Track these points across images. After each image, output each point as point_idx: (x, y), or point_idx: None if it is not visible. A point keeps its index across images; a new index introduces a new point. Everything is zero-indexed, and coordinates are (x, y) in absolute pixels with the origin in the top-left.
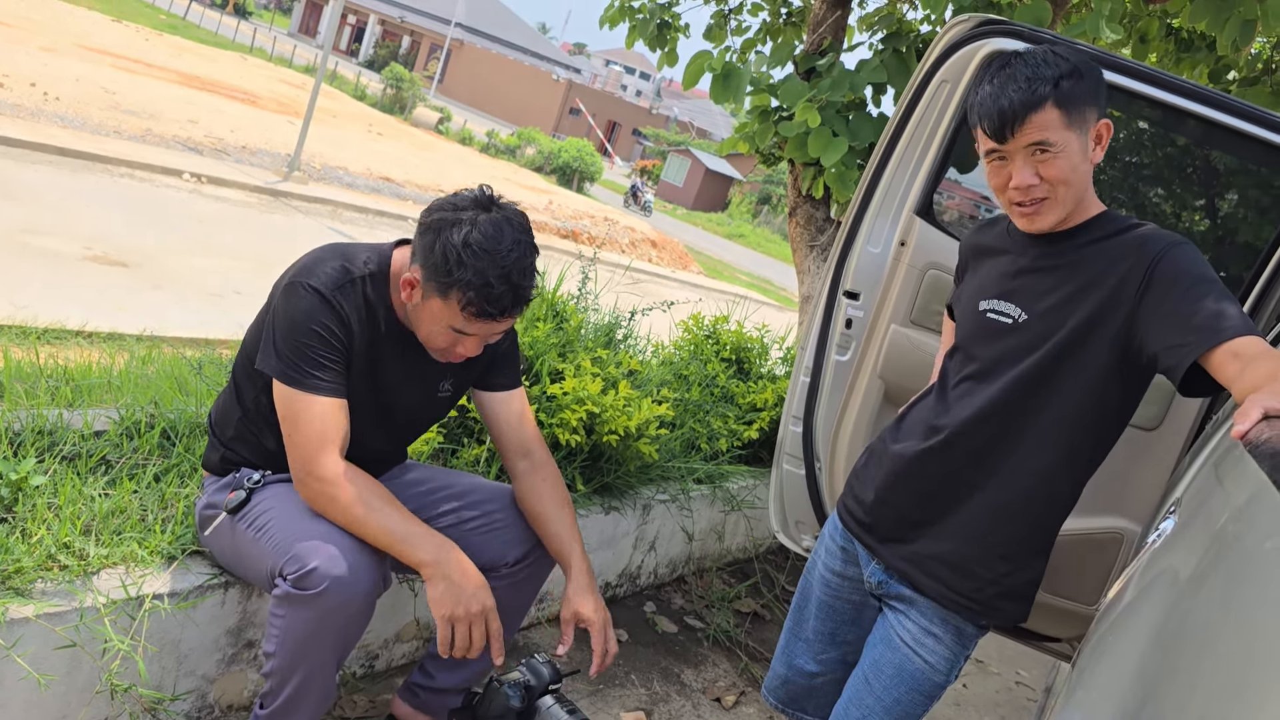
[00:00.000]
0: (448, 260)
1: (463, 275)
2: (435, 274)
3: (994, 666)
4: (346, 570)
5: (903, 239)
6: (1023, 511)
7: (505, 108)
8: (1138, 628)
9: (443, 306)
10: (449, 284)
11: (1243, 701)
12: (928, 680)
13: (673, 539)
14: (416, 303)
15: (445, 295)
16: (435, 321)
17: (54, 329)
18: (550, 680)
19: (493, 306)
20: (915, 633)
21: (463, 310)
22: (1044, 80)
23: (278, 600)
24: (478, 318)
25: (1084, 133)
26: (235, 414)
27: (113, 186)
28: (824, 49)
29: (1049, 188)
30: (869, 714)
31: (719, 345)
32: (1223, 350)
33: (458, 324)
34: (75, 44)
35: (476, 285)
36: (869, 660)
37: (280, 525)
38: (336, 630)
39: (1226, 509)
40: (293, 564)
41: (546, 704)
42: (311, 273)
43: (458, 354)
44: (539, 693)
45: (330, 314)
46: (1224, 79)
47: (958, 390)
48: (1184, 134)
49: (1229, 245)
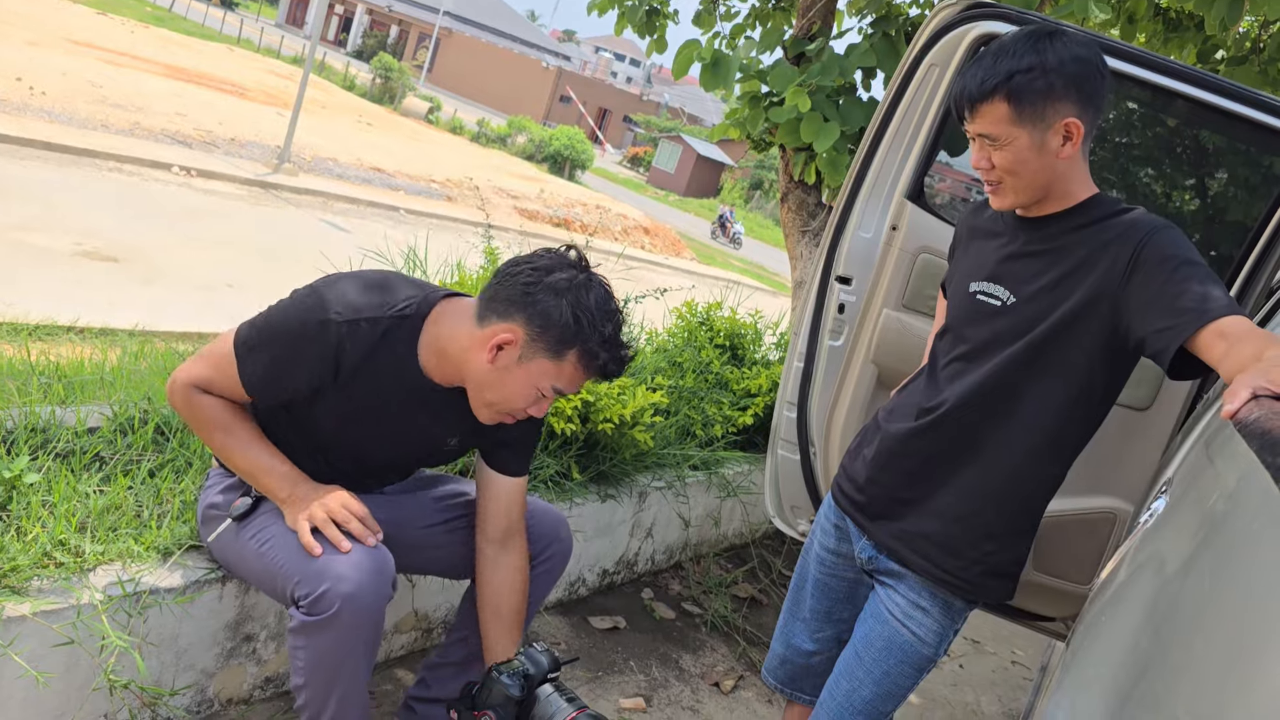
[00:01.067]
0: (577, 321)
1: (589, 337)
2: (553, 335)
3: (990, 646)
4: (356, 586)
5: (894, 223)
6: (1009, 492)
7: (495, 96)
8: (1131, 607)
9: (552, 367)
10: (571, 344)
11: (1234, 679)
12: (916, 653)
13: (669, 526)
14: (508, 364)
15: (560, 356)
16: (531, 382)
17: (45, 325)
18: (549, 668)
19: (614, 366)
20: (904, 606)
21: (583, 370)
22: (998, 74)
23: (295, 632)
24: (591, 376)
25: (1041, 128)
26: None
27: (102, 181)
28: (813, 34)
29: (999, 174)
30: (859, 685)
31: (713, 332)
32: (1209, 331)
33: (563, 384)
34: (61, 38)
35: (601, 346)
36: (860, 634)
37: (283, 543)
38: (361, 645)
39: (1217, 488)
40: (302, 588)
41: (546, 692)
42: (333, 291)
43: (523, 413)
44: (538, 681)
45: (318, 342)
46: (1212, 58)
47: (947, 371)
48: (1173, 115)
49: (1219, 224)
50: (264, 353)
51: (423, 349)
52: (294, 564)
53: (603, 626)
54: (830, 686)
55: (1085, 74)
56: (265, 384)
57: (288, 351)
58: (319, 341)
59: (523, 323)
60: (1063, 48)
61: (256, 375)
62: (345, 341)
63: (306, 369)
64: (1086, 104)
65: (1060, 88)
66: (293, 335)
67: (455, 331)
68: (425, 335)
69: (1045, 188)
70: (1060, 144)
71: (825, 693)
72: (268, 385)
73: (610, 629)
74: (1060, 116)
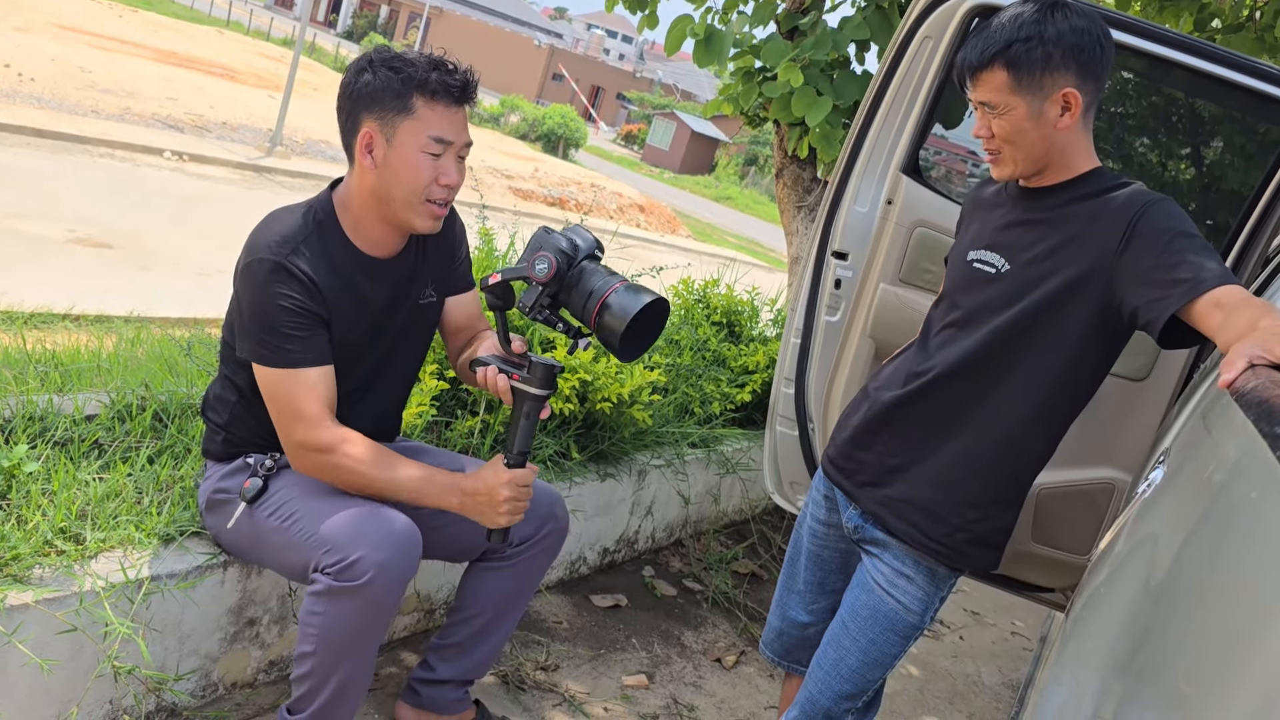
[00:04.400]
0: (395, 70)
1: (412, 74)
2: (389, 99)
3: (990, 618)
4: (390, 555)
5: (890, 197)
6: (995, 461)
7: (487, 75)
8: (1129, 577)
9: (412, 123)
10: (407, 92)
11: (1232, 649)
12: (902, 620)
13: (669, 503)
14: (384, 155)
15: (408, 109)
16: (414, 150)
17: (41, 313)
18: (595, 246)
19: (451, 79)
20: (889, 574)
21: (436, 102)
22: (997, 43)
23: (316, 596)
24: (445, 100)
25: (1039, 97)
26: (231, 397)
27: (93, 167)
28: (806, 7)
29: (999, 142)
30: (845, 654)
31: (709, 309)
32: (1205, 300)
33: (436, 128)
34: (49, 23)
35: (428, 71)
36: (846, 603)
37: (308, 512)
38: (380, 618)
39: (1214, 458)
40: (332, 556)
41: (590, 267)
42: (259, 247)
43: (443, 188)
44: (583, 256)
45: (289, 281)
46: (1208, 27)
47: (939, 338)
48: (1170, 84)
49: (1215, 193)
50: (277, 333)
51: (349, 231)
52: (323, 532)
53: (604, 605)
54: (818, 656)
55: (1085, 45)
56: (311, 343)
57: (283, 313)
58: (288, 283)
59: (365, 116)
60: (1064, 19)
61: (299, 352)
62: (300, 267)
63: (305, 305)
64: (1086, 75)
65: (1058, 58)
66: (271, 299)
67: (349, 191)
68: (341, 221)
69: (1044, 158)
70: (1058, 114)
71: (814, 662)
72: (313, 342)
73: (612, 607)
74: (1058, 87)
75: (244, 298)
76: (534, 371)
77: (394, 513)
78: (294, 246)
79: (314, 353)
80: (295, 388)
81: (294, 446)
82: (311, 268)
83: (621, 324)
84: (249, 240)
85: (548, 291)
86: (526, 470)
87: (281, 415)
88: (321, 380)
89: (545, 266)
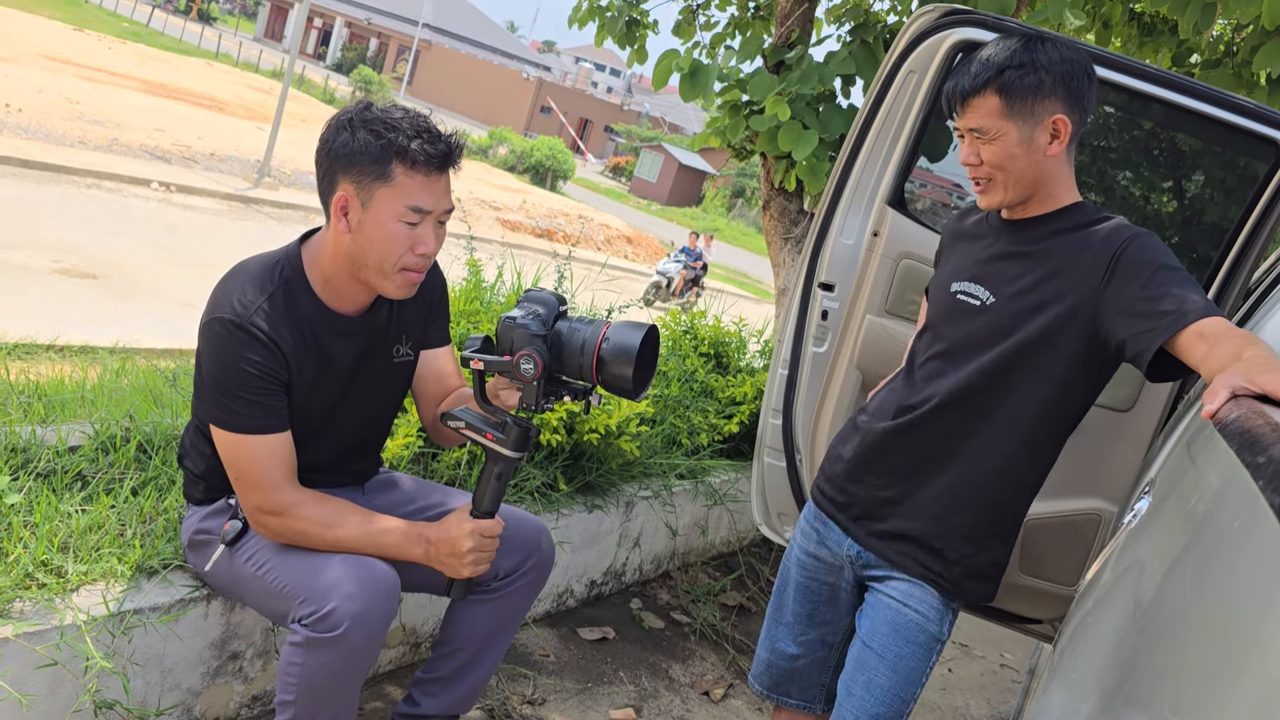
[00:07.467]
0: (377, 135)
1: (394, 140)
2: (367, 164)
3: (978, 649)
4: (366, 604)
5: (875, 229)
6: (985, 494)
7: (476, 108)
8: (1116, 607)
9: (390, 191)
10: (387, 158)
11: (1217, 677)
12: (923, 630)
13: (656, 535)
14: (360, 220)
15: (388, 176)
16: (390, 218)
17: (24, 344)
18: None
19: (434, 147)
20: (902, 590)
21: (415, 171)
22: (990, 68)
23: (295, 647)
24: (426, 169)
25: (1030, 124)
26: (207, 450)
27: (80, 198)
28: (792, 42)
29: (989, 169)
30: (875, 675)
31: (697, 340)
32: (1189, 332)
33: (415, 198)
34: (37, 54)
35: (411, 138)
36: (865, 628)
37: (283, 561)
38: (361, 666)
39: (1198, 488)
40: (307, 606)
41: (564, 327)
42: (222, 305)
43: (418, 256)
44: (552, 320)
45: (250, 344)
46: (1187, 62)
47: (925, 370)
48: (1150, 118)
49: (1196, 226)
50: (235, 397)
51: (318, 287)
52: (297, 583)
53: (592, 637)
54: (846, 684)
55: (1074, 74)
56: (269, 410)
57: (242, 376)
58: (251, 345)
59: (342, 177)
60: (1053, 49)
61: (256, 417)
62: (262, 329)
63: (266, 369)
64: (1074, 104)
65: (1050, 85)
66: (233, 362)
67: (321, 247)
68: (310, 277)
69: (1032, 185)
70: (1048, 141)
71: (842, 691)
72: (271, 408)
73: (599, 640)
74: (1049, 113)
75: (204, 358)
76: (508, 433)
77: (370, 559)
78: (258, 305)
79: (272, 418)
80: (252, 453)
81: (251, 510)
82: (274, 328)
83: (628, 367)
84: (213, 294)
85: (540, 380)
86: (493, 521)
87: (239, 480)
88: (279, 443)
89: (531, 367)
